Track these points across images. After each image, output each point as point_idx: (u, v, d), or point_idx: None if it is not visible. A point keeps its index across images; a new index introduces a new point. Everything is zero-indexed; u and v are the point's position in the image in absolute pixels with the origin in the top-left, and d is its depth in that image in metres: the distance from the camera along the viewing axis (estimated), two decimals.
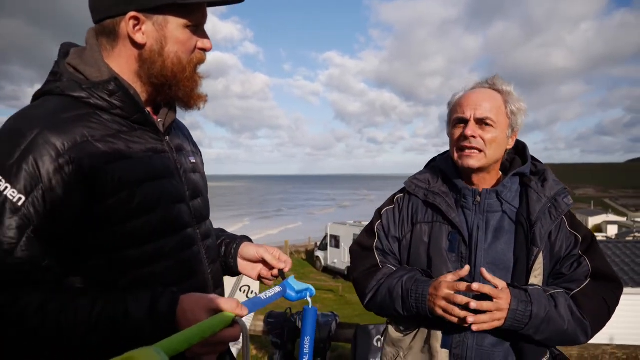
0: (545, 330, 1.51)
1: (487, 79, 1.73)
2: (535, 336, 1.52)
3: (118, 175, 1.10)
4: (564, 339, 1.55)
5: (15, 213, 0.98)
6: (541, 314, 1.48)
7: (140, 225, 1.13)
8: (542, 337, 1.52)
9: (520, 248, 1.61)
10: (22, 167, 1.00)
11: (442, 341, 1.63)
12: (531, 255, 1.59)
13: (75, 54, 1.20)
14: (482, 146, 1.64)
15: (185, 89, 1.24)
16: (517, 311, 1.47)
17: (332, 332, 3.95)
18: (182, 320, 1.02)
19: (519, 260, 1.61)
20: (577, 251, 1.63)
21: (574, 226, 1.67)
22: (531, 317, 1.47)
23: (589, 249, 1.63)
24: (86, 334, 1.00)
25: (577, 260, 1.62)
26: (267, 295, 1.23)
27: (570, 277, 1.61)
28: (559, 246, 1.63)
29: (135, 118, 1.19)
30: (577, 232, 1.65)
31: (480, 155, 1.65)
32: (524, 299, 1.48)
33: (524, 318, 1.47)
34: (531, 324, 1.48)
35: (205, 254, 1.32)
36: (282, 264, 1.46)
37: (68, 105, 1.11)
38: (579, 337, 1.56)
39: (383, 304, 1.72)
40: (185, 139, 1.41)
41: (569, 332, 1.53)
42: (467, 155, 1.66)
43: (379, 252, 1.82)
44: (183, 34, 1.19)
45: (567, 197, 1.68)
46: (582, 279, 1.59)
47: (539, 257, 1.59)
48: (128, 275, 1.13)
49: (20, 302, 0.98)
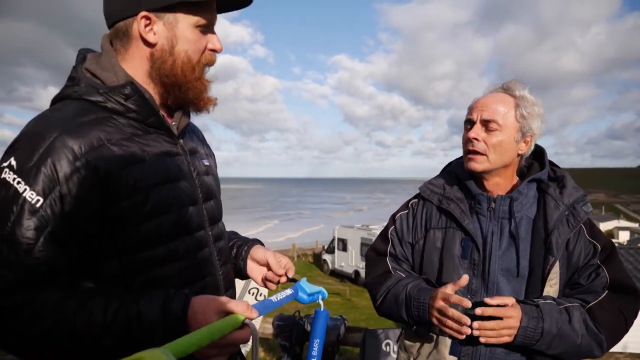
0: (557, 345, 1.48)
1: (503, 83, 1.70)
2: (547, 351, 1.49)
3: (133, 178, 1.11)
4: (577, 353, 1.52)
5: (34, 214, 1.01)
6: (553, 330, 1.45)
7: (154, 228, 1.15)
8: (554, 352, 1.50)
9: (536, 256, 1.58)
10: (40, 170, 1.02)
11: (450, 348, 1.62)
12: (547, 264, 1.56)
13: (92, 59, 1.23)
14: (485, 149, 1.61)
15: (195, 90, 1.26)
16: (528, 328, 1.44)
17: (341, 336, 3.95)
18: (193, 322, 1.03)
19: (534, 269, 1.57)
20: (596, 261, 1.58)
21: (593, 235, 1.62)
22: (542, 334, 1.45)
23: (608, 258, 1.59)
24: (100, 334, 1.02)
25: (595, 270, 1.58)
26: (279, 297, 1.23)
27: (587, 288, 1.57)
28: (577, 255, 1.59)
29: (150, 121, 1.21)
30: (596, 241, 1.61)
31: (483, 158, 1.62)
32: (535, 315, 1.46)
33: (535, 335, 1.45)
34: (542, 341, 1.46)
35: (217, 256, 1.33)
36: (282, 270, 1.45)
37: (85, 109, 1.13)
38: (593, 351, 1.52)
39: (390, 310, 1.72)
40: (199, 142, 1.43)
41: (583, 346, 1.50)
42: (471, 159, 1.64)
43: (391, 258, 1.82)
44: (193, 33, 1.22)
45: (587, 205, 1.64)
46: (599, 290, 1.55)
47: (554, 267, 1.56)
48: (141, 277, 1.14)
49: (37, 301, 1.00)
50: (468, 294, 1.63)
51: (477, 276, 1.63)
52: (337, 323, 3.97)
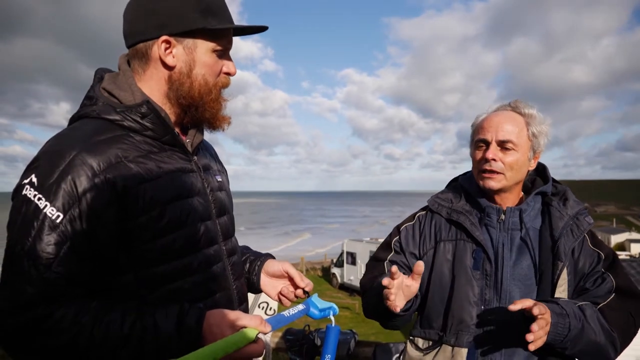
0: (579, 342, 1.47)
1: (509, 102, 1.76)
2: (571, 349, 1.48)
3: (149, 194, 1.14)
4: (596, 352, 1.52)
5: (54, 230, 1.03)
6: (578, 325, 1.46)
7: (169, 242, 1.17)
8: (576, 350, 1.49)
9: (545, 263, 1.62)
10: (60, 186, 1.05)
11: (466, 359, 1.62)
12: (556, 269, 1.60)
13: (109, 79, 1.27)
14: (502, 169, 1.66)
15: (211, 110, 1.30)
16: (558, 324, 1.43)
17: (351, 350, 3.93)
18: (208, 335, 1.05)
19: (543, 275, 1.62)
20: (601, 268, 1.63)
21: (596, 244, 1.68)
22: (570, 329, 1.44)
23: (612, 266, 1.63)
24: (117, 347, 1.04)
25: (600, 276, 1.61)
26: (291, 312, 1.24)
27: (595, 292, 1.60)
28: (582, 263, 1.64)
29: (165, 139, 1.25)
30: (599, 250, 1.66)
31: (500, 176, 1.67)
32: (559, 311, 1.46)
33: (564, 330, 1.44)
34: (569, 336, 1.45)
35: (231, 270, 1.36)
36: (304, 281, 1.48)
37: (103, 128, 1.17)
38: (608, 351, 1.53)
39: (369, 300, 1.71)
40: (211, 159, 1.46)
41: (601, 344, 1.50)
42: (488, 177, 1.68)
43: (390, 263, 1.82)
44: (210, 58, 1.26)
45: (588, 217, 1.70)
46: (607, 294, 1.58)
47: (563, 272, 1.60)
48: (156, 291, 1.16)
49: (56, 314, 1.03)
50: (482, 304, 1.65)
51: (489, 286, 1.65)
52: (347, 337, 3.96)
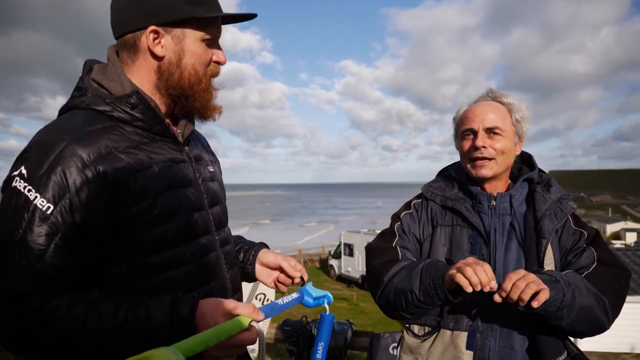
0: (574, 307, 1.47)
1: (487, 92, 1.82)
2: (567, 317, 1.48)
3: (140, 185, 1.14)
4: (590, 318, 1.52)
5: (44, 221, 1.03)
6: (568, 289, 1.47)
7: (162, 233, 1.17)
8: (572, 317, 1.48)
9: (530, 243, 1.68)
10: (50, 178, 1.05)
11: (467, 342, 1.64)
12: (540, 247, 1.65)
13: (98, 70, 1.26)
14: (493, 155, 1.71)
15: (202, 100, 1.29)
16: (552, 290, 1.43)
17: (348, 340, 3.96)
18: (201, 324, 1.06)
19: (529, 254, 1.67)
20: (583, 244, 1.68)
21: (579, 225, 1.74)
22: (564, 294, 1.46)
23: (594, 241, 1.69)
24: (110, 336, 1.04)
25: (583, 250, 1.67)
26: (285, 301, 1.25)
27: (577, 263, 1.64)
28: (564, 240, 1.70)
29: (155, 129, 1.24)
30: (582, 229, 1.72)
31: (492, 163, 1.72)
32: (549, 279, 1.47)
33: (558, 295, 1.45)
34: (565, 301, 1.45)
35: (224, 260, 1.36)
36: (297, 272, 1.50)
37: (93, 119, 1.16)
38: (601, 316, 1.53)
39: (399, 286, 1.66)
40: (203, 149, 1.45)
41: (593, 308, 1.51)
42: (480, 166, 1.73)
43: (401, 248, 1.82)
44: (199, 47, 1.26)
45: (571, 201, 1.76)
46: (589, 264, 1.62)
47: (548, 250, 1.65)
48: (149, 281, 1.16)
49: (50, 305, 1.03)
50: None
51: None
52: (345, 327, 3.98)
